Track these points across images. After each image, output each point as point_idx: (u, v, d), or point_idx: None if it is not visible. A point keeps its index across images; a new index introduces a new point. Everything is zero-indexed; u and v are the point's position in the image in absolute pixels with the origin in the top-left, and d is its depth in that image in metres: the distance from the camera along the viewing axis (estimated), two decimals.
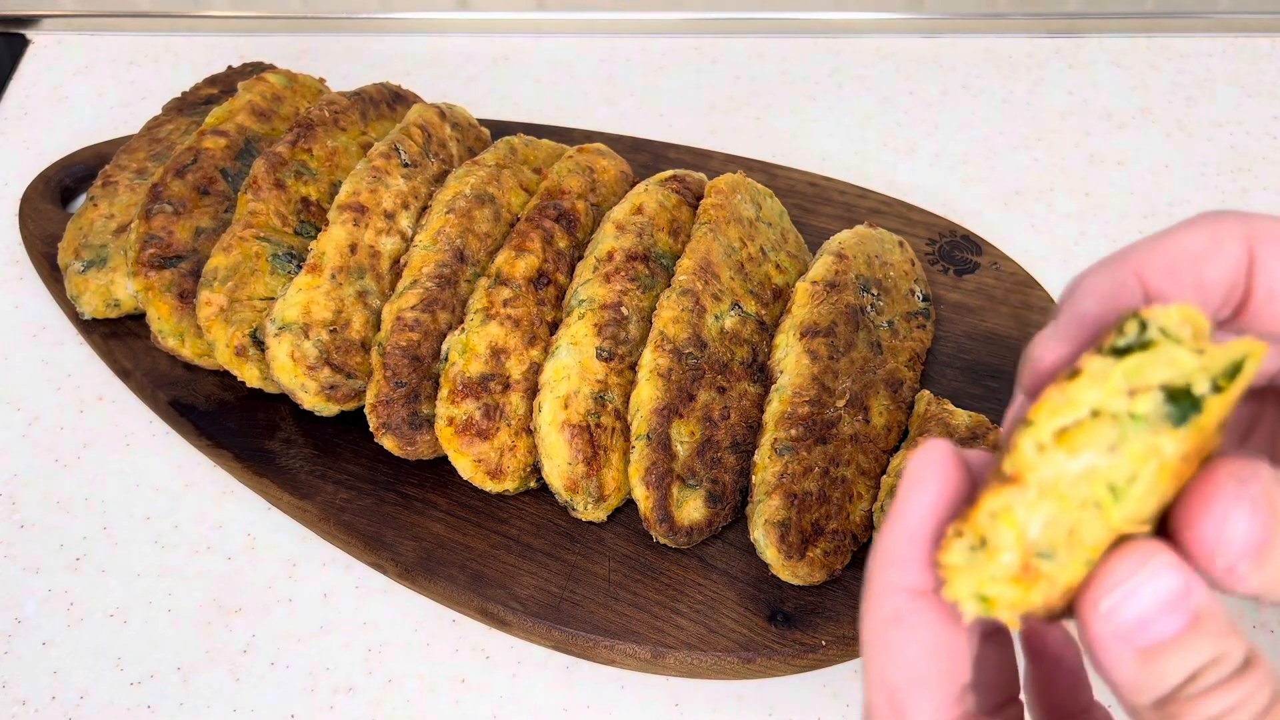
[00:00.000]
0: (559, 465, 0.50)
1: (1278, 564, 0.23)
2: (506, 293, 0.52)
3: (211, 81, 0.69)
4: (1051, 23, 0.78)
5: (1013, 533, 0.24)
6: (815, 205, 0.64)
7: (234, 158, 0.59)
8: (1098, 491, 0.24)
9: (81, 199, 0.68)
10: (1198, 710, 0.23)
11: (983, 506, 0.24)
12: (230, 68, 0.70)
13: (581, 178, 0.57)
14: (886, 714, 0.25)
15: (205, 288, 0.54)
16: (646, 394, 0.50)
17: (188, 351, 0.57)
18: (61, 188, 0.68)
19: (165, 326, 0.57)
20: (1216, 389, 0.24)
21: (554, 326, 0.53)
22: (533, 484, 0.53)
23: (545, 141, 0.61)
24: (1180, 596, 0.23)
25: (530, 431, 0.52)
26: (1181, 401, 0.24)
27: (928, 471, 0.26)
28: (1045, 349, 0.26)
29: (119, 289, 0.60)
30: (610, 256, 0.53)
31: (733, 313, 0.54)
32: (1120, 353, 0.24)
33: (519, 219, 0.56)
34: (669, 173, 0.58)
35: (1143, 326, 0.24)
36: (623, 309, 0.52)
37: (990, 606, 0.24)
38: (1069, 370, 0.24)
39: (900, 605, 0.25)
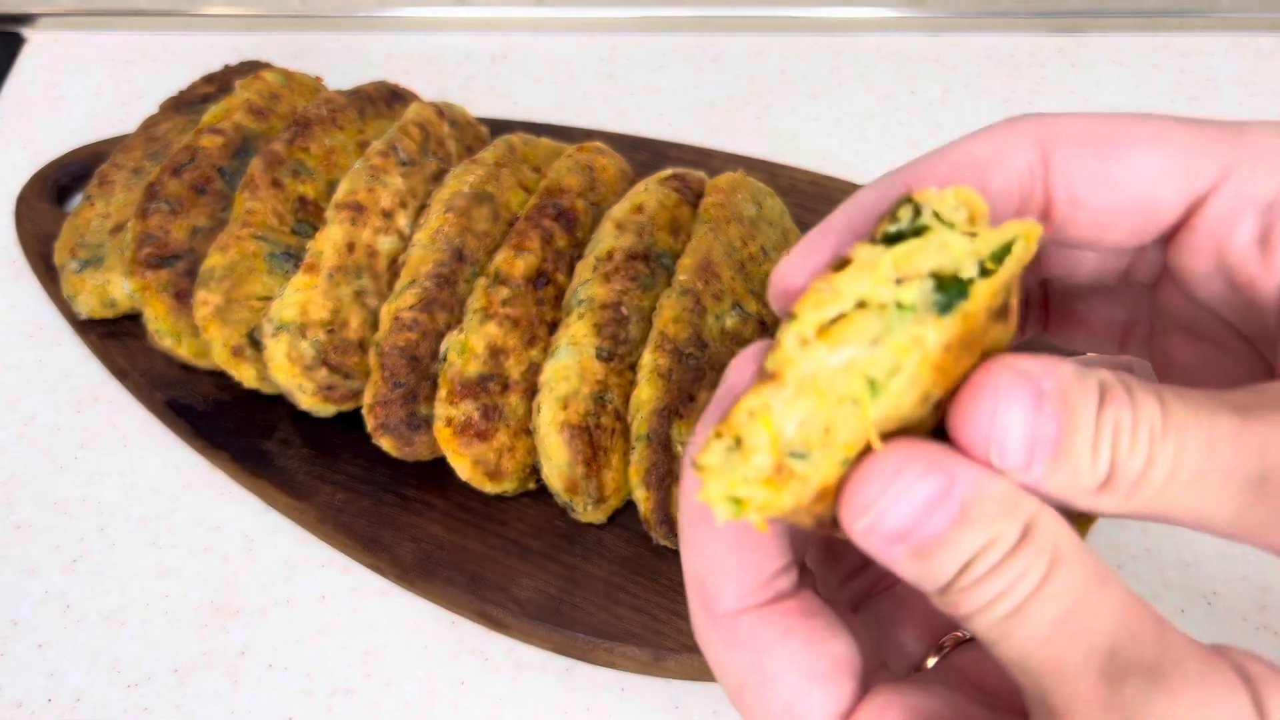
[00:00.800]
0: (558, 466, 0.50)
1: (1076, 468, 0.22)
2: (505, 292, 0.52)
3: (208, 80, 0.68)
4: (1054, 21, 0.78)
5: (767, 433, 0.23)
6: (816, 204, 0.64)
7: (231, 156, 0.59)
8: (855, 387, 0.22)
9: (78, 198, 0.68)
10: (973, 598, 0.22)
11: (741, 406, 0.23)
12: (227, 66, 0.70)
13: (581, 176, 0.57)
14: (698, 604, 0.26)
15: (202, 287, 0.54)
16: (647, 394, 0.50)
17: (184, 351, 0.57)
18: (58, 187, 0.68)
19: (162, 326, 0.56)
20: (984, 273, 0.23)
21: (553, 326, 0.53)
22: (532, 485, 0.53)
23: (544, 140, 0.61)
24: (938, 499, 0.22)
25: (529, 432, 0.52)
26: (949, 289, 0.23)
27: (739, 374, 0.25)
28: (787, 267, 0.25)
29: (115, 288, 0.59)
30: (610, 256, 0.53)
31: (734, 312, 0.53)
32: (892, 240, 0.23)
33: (518, 218, 0.56)
34: (669, 171, 0.58)
35: (917, 212, 0.23)
36: (622, 309, 0.52)
37: (741, 509, 0.23)
38: (838, 260, 0.23)
39: (703, 506, 0.25)
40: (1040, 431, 0.22)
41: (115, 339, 0.60)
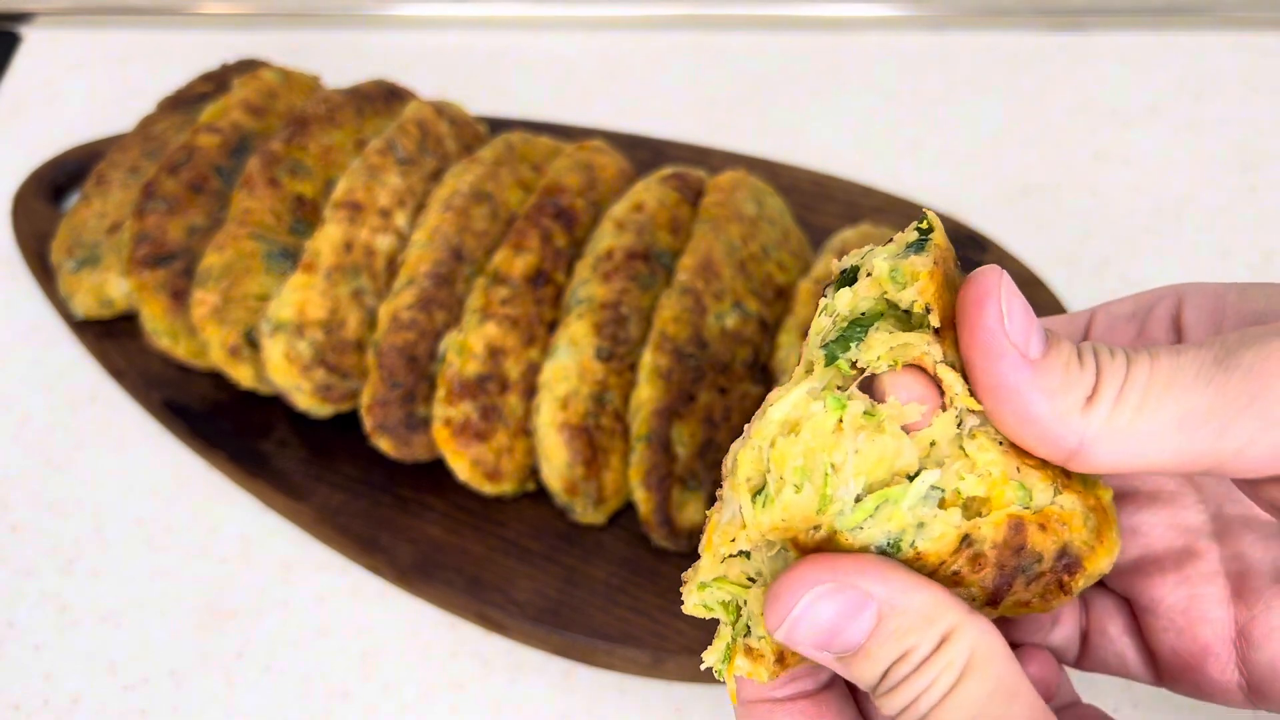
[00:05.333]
0: (557, 467, 0.50)
1: (1066, 364, 0.25)
2: (504, 292, 0.52)
3: (206, 78, 0.68)
4: (1056, 19, 0.77)
5: (708, 552, 0.27)
6: (817, 203, 0.64)
7: (228, 155, 0.58)
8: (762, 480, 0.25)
9: (74, 197, 0.67)
10: (892, 703, 0.25)
11: (710, 521, 0.27)
12: (225, 64, 0.69)
13: (580, 175, 0.57)
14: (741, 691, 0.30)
15: (199, 287, 0.54)
16: (647, 395, 0.49)
17: (181, 351, 0.56)
18: (54, 185, 0.68)
19: (159, 326, 0.56)
20: (926, 233, 0.27)
21: (552, 326, 0.53)
22: (531, 486, 0.52)
23: (543, 138, 0.61)
24: (848, 616, 0.24)
25: (528, 433, 0.51)
26: (913, 243, 0.26)
27: None
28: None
29: (112, 288, 0.59)
30: (610, 255, 0.52)
31: (734, 312, 0.53)
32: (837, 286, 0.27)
33: (517, 217, 0.55)
34: (669, 170, 0.57)
35: (842, 271, 0.27)
36: (622, 308, 0.51)
37: (708, 600, 0.27)
38: (805, 365, 0.27)
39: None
40: (1033, 324, 0.25)
41: (112, 338, 0.60)
